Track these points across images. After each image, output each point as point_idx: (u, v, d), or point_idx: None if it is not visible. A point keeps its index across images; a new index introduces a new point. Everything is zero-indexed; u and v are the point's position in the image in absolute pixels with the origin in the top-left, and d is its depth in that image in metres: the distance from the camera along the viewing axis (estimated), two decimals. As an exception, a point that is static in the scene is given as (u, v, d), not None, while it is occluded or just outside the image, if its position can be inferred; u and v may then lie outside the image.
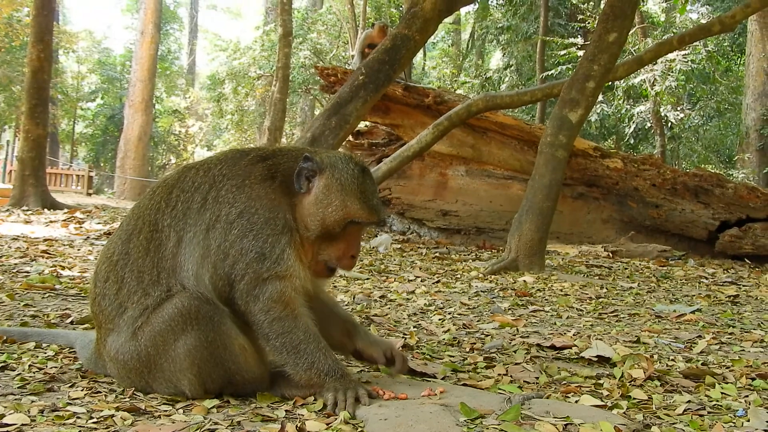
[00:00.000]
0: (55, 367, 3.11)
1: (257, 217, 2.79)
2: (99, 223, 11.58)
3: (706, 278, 8.42)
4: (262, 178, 2.87)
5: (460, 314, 5.32)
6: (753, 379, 3.45)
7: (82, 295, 5.11)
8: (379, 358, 3.13)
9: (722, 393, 3.16)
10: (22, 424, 2.37)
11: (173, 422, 2.50)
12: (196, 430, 2.43)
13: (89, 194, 29.08)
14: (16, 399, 2.64)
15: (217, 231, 2.79)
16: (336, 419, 2.56)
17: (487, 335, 4.46)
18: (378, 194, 3.00)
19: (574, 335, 4.52)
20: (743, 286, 7.83)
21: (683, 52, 20.94)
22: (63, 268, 6.42)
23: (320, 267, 2.95)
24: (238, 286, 2.76)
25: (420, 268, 8.17)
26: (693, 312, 5.70)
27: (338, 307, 3.24)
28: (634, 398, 3.02)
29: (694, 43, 19.59)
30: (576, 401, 2.95)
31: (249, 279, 2.75)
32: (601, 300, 6.28)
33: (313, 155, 2.91)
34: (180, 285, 2.78)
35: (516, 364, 3.64)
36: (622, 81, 21.52)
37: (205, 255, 2.78)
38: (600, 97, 21.58)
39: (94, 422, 2.45)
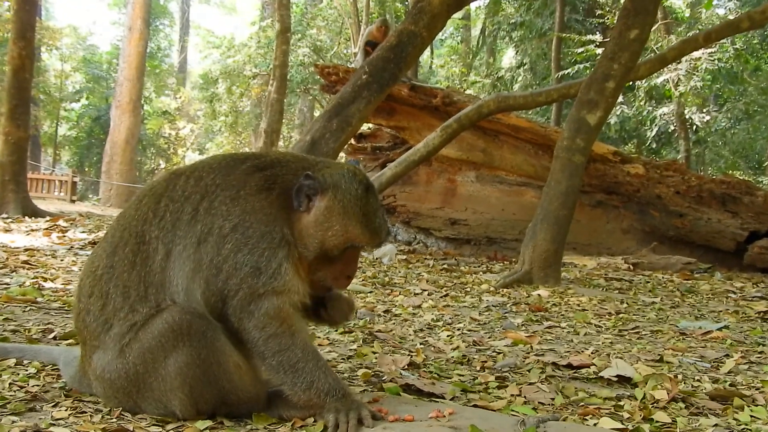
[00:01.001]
0: (37, 386, 3.11)
1: (252, 230, 2.79)
2: (83, 232, 11.59)
3: (734, 293, 8.41)
4: (258, 189, 2.87)
5: (469, 330, 5.32)
6: (785, 401, 3.44)
7: (66, 308, 5.11)
8: (327, 301, 3.15)
9: (751, 416, 3.16)
10: (3, 447, 2.37)
11: (163, 445, 2.50)
12: (188, 453, 2.43)
13: (73, 201, 29.11)
14: (-5, 419, 2.65)
15: (209, 245, 2.79)
16: (337, 442, 2.56)
17: (499, 353, 4.46)
18: (381, 212, 3.03)
19: (592, 353, 4.52)
20: (774, 301, 7.82)
21: (709, 50, 20.94)
22: (45, 279, 6.42)
23: (316, 284, 2.97)
24: (231, 302, 2.76)
25: (427, 281, 8.17)
26: (720, 329, 5.69)
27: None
28: (657, 421, 3.02)
29: (721, 41, 19.59)
30: (595, 424, 2.95)
31: (243, 294, 2.75)
32: (621, 316, 6.27)
33: (315, 172, 2.92)
34: (170, 300, 2.78)
35: (530, 384, 3.64)
36: (643, 81, 21.56)
37: (197, 269, 2.78)
38: (620, 98, 21.59)
39: (78, 444, 2.46)
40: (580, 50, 22.56)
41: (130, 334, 2.76)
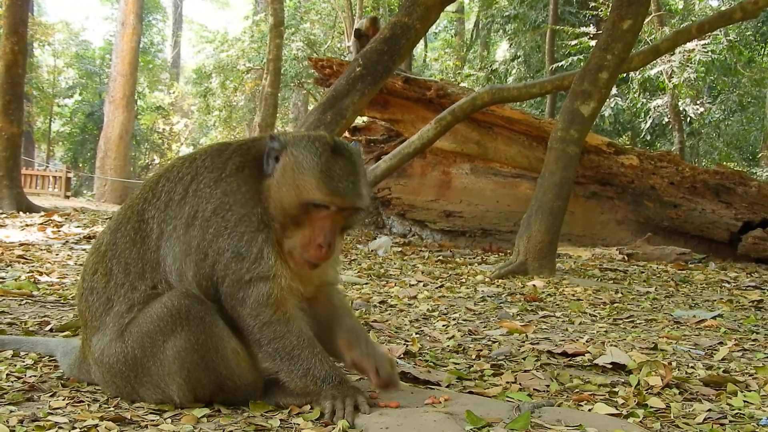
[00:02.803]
0: (35, 376, 3.13)
1: (231, 213, 2.79)
2: (78, 227, 11.58)
3: (728, 282, 8.44)
4: (237, 169, 2.87)
5: (465, 320, 5.34)
6: (778, 386, 3.47)
7: (62, 301, 5.13)
8: (370, 369, 2.94)
9: (745, 401, 3.19)
10: (1, 435, 2.39)
11: (161, 432, 2.52)
12: (186, 440, 2.45)
13: (67, 196, 29.12)
14: (-7, 409, 2.66)
15: (195, 228, 2.81)
16: (334, 429, 2.58)
17: (494, 342, 4.49)
18: (355, 178, 2.80)
19: (587, 342, 4.54)
20: (767, 290, 7.86)
21: (702, 42, 20.95)
22: (41, 273, 6.43)
23: (299, 260, 2.83)
24: (222, 288, 2.78)
25: (422, 273, 8.19)
26: (714, 318, 5.72)
27: (349, 314, 3.15)
28: (651, 407, 3.04)
29: (715, 32, 19.63)
30: (589, 410, 2.97)
31: (230, 281, 2.76)
32: (615, 305, 6.30)
33: (279, 135, 2.87)
34: (164, 281, 2.82)
35: (525, 371, 3.66)
36: (637, 73, 21.55)
37: (187, 252, 2.81)
38: (614, 90, 21.61)
39: (76, 432, 2.47)
40: (573, 42, 22.56)
41: (129, 315, 2.79)
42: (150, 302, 2.77)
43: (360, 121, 15.82)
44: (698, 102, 24.49)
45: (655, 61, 18.78)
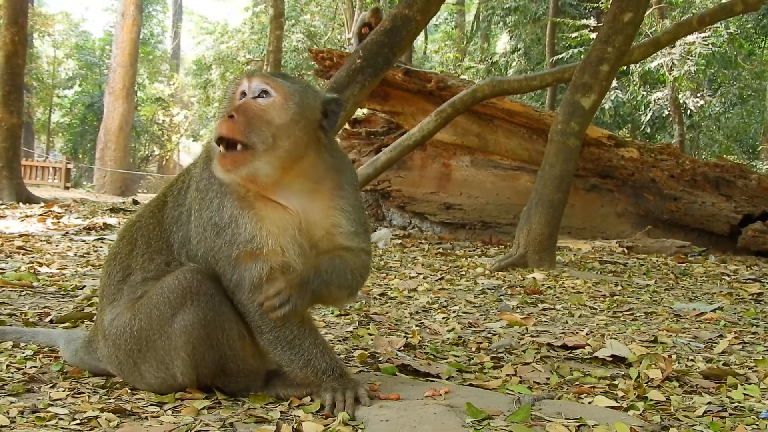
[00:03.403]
0: (35, 367, 3.13)
1: (204, 183, 2.82)
2: (78, 218, 11.58)
3: (728, 275, 8.45)
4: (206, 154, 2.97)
5: (465, 312, 5.34)
6: (777, 379, 3.47)
7: (62, 293, 5.13)
8: None
9: (744, 394, 3.18)
10: (1, 426, 2.39)
11: (161, 423, 2.52)
12: (186, 431, 2.44)
13: (67, 188, 29.13)
14: (-7, 400, 2.66)
15: (193, 212, 2.89)
16: (334, 421, 2.58)
17: (494, 334, 4.48)
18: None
19: (587, 334, 4.54)
20: (767, 283, 7.86)
21: (703, 34, 20.92)
22: (41, 264, 6.43)
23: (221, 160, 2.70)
24: (219, 271, 2.77)
25: (422, 265, 8.19)
26: (714, 310, 5.72)
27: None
28: (651, 399, 3.04)
29: (715, 25, 19.58)
30: (589, 402, 2.97)
31: (221, 261, 2.75)
32: (615, 298, 6.30)
33: None
34: (176, 262, 2.87)
35: (525, 364, 3.66)
36: (638, 65, 21.52)
37: (190, 237, 2.87)
38: (614, 83, 21.60)
39: (77, 424, 2.47)
40: (574, 35, 22.52)
41: (143, 286, 2.84)
42: (163, 277, 2.80)
43: (360, 113, 15.79)
44: (698, 95, 24.48)
45: (655, 54, 18.73)
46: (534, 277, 7.36)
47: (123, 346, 2.82)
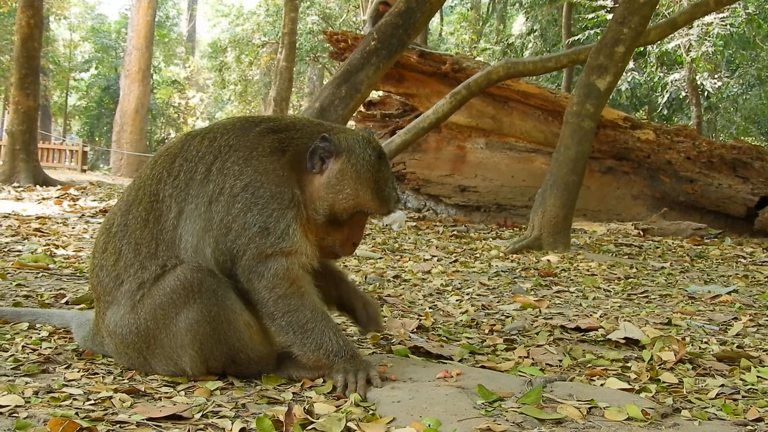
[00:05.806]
0: (50, 348, 3.16)
1: (263, 191, 2.81)
2: (94, 201, 11.65)
3: (744, 258, 8.41)
4: (271, 151, 2.90)
5: (479, 295, 5.34)
6: (792, 362, 3.45)
7: (78, 274, 5.16)
8: (359, 311, 3.26)
9: (758, 377, 3.17)
10: (16, 406, 2.41)
11: (174, 404, 2.53)
12: (198, 412, 2.46)
13: (84, 170, 29.22)
14: (9, 380, 2.68)
15: (220, 204, 2.82)
16: (346, 402, 2.59)
17: (507, 317, 4.48)
18: (392, 180, 3.04)
19: (600, 317, 4.54)
20: (784, 265, 7.82)
21: (721, 15, 20.73)
22: (57, 246, 6.47)
23: (324, 249, 2.99)
24: (240, 261, 2.79)
25: (436, 247, 8.19)
26: (729, 293, 5.69)
27: (338, 268, 3.36)
28: (664, 382, 3.03)
29: (733, 5, 19.39)
30: (601, 384, 2.97)
31: (251, 254, 2.78)
32: (630, 280, 6.28)
33: (331, 135, 2.92)
34: (176, 259, 2.82)
35: (538, 346, 3.65)
36: (654, 46, 21.36)
37: (207, 228, 2.82)
38: (631, 64, 21.45)
39: (91, 404, 2.49)
40: (590, 16, 22.36)
41: (141, 291, 2.80)
42: (162, 276, 2.79)
43: (375, 95, 15.76)
44: (716, 76, 24.27)
45: (672, 35, 18.58)
46: (548, 260, 7.34)
47: (131, 344, 2.84)
